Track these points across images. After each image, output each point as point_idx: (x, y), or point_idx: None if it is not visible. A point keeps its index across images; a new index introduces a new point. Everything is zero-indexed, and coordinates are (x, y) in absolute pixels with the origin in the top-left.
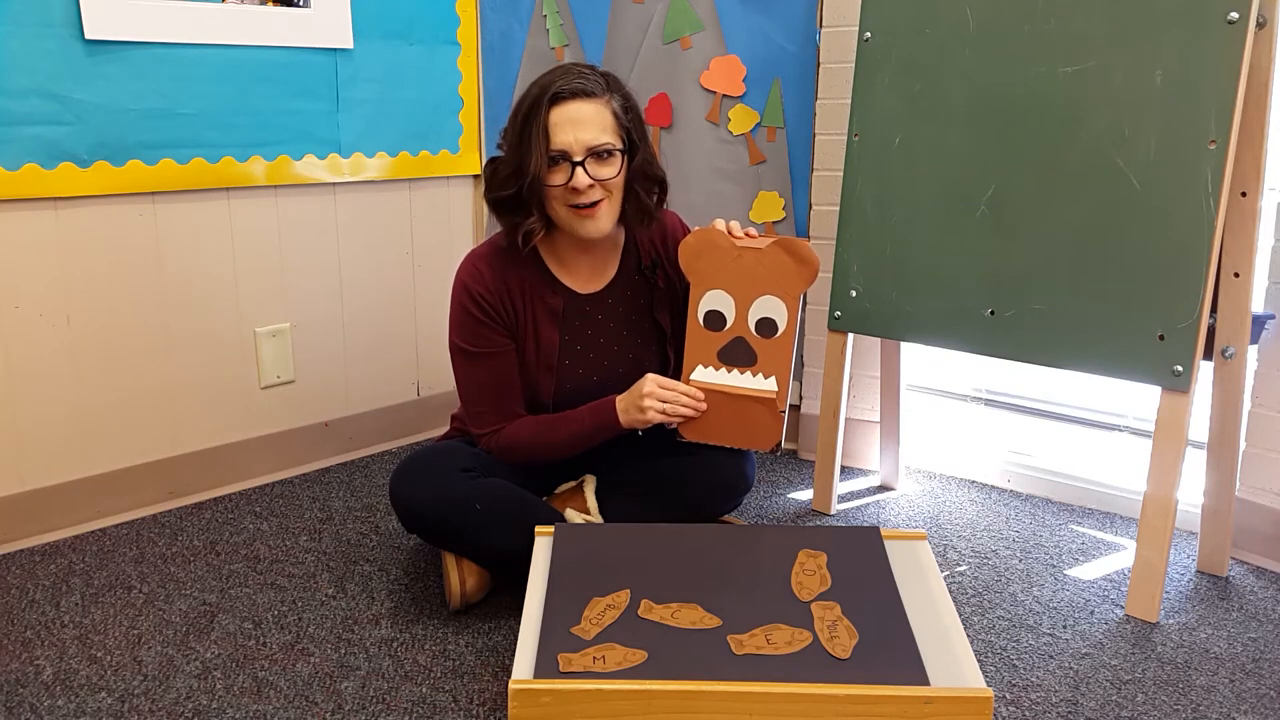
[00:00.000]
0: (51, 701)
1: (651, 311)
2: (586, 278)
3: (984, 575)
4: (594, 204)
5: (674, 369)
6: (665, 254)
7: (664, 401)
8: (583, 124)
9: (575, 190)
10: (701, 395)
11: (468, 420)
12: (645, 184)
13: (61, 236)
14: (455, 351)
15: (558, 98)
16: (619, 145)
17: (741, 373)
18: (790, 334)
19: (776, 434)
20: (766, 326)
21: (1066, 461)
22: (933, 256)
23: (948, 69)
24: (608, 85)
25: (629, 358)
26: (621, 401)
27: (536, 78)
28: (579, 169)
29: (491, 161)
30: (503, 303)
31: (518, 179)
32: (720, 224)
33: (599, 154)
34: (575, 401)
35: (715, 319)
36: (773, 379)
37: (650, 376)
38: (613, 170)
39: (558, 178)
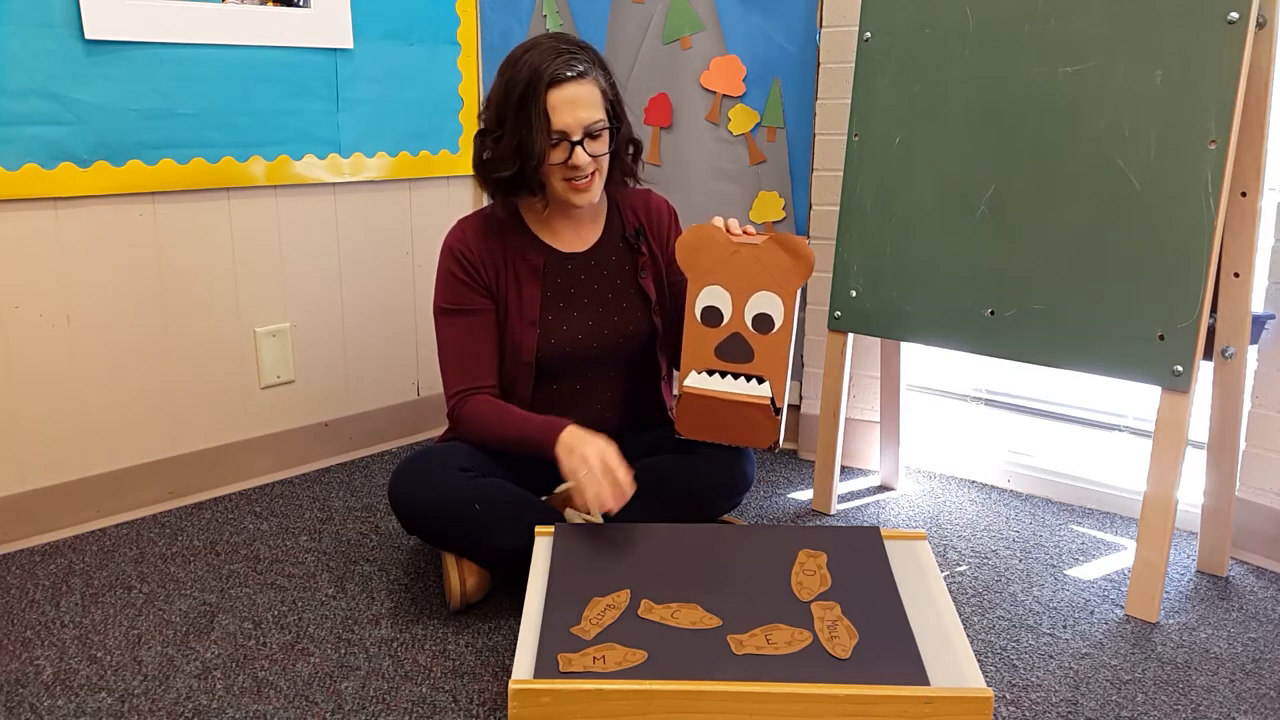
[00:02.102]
0: (51, 701)
1: (637, 278)
2: (569, 238)
3: (984, 575)
4: (588, 177)
5: (664, 337)
6: (649, 224)
7: (594, 474)
8: (580, 105)
9: (574, 167)
10: (630, 491)
11: (444, 386)
12: (625, 147)
13: (61, 236)
14: (436, 314)
15: (556, 81)
16: (609, 122)
17: (735, 377)
18: (787, 330)
19: (773, 434)
20: (763, 322)
21: (1066, 461)
22: (933, 256)
23: (948, 69)
24: (592, 61)
25: (613, 320)
26: (571, 436)
27: (520, 53)
28: (578, 148)
29: (481, 136)
30: (484, 263)
31: (518, 159)
32: (718, 221)
33: (593, 133)
34: (559, 360)
35: (712, 315)
36: (766, 385)
37: (605, 446)
38: (605, 146)
39: (557, 156)
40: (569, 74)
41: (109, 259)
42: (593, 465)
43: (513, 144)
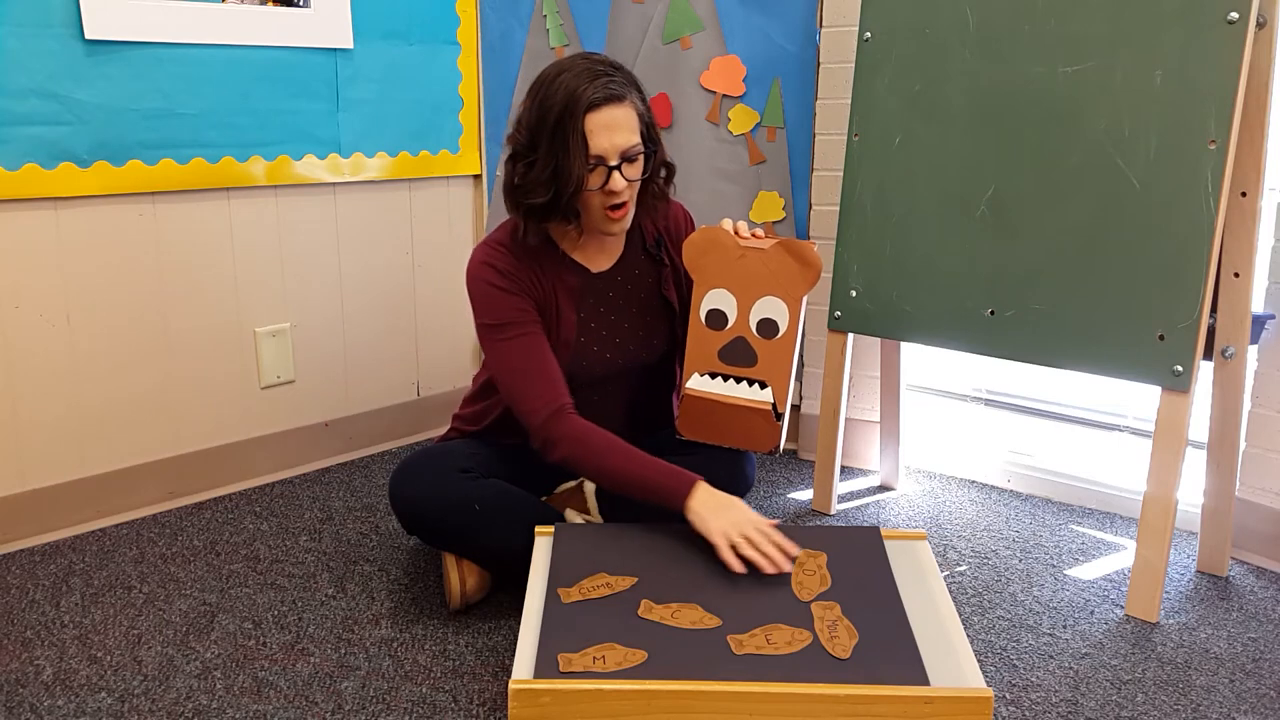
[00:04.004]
0: (51, 701)
1: (660, 289)
2: (598, 257)
3: (984, 575)
4: (623, 204)
5: (681, 349)
6: (667, 233)
7: (752, 545)
8: (617, 129)
9: (611, 193)
10: (793, 555)
11: (521, 416)
12: (658, 170)
13: (61, 236)
14: (485, 335)
15: (594, 105)
16: (645, 146)
17: (738, 381)
18: (791, 336)
19: (774, 439)
20: (768, 327)
21: (1066, 461)
22: (933, 256)
23: (948, 69)
24: (628, 83)
25: (639, 335)
26: (704, 502)
27: (553, 74)
28: (615, 173)
29: (512, 160)
30: (525, 277)
31: (555, 184)
32: (727, 223)
33: (630, 157)
34: (584, 377)
35: (717, 318)
36: (768, 390)
37: (749, 510)
38: (641, 170)
39: (594, 181)
40: (607, 97)
41: (109, 259)
42: (751, 538)
43: (548, 169)
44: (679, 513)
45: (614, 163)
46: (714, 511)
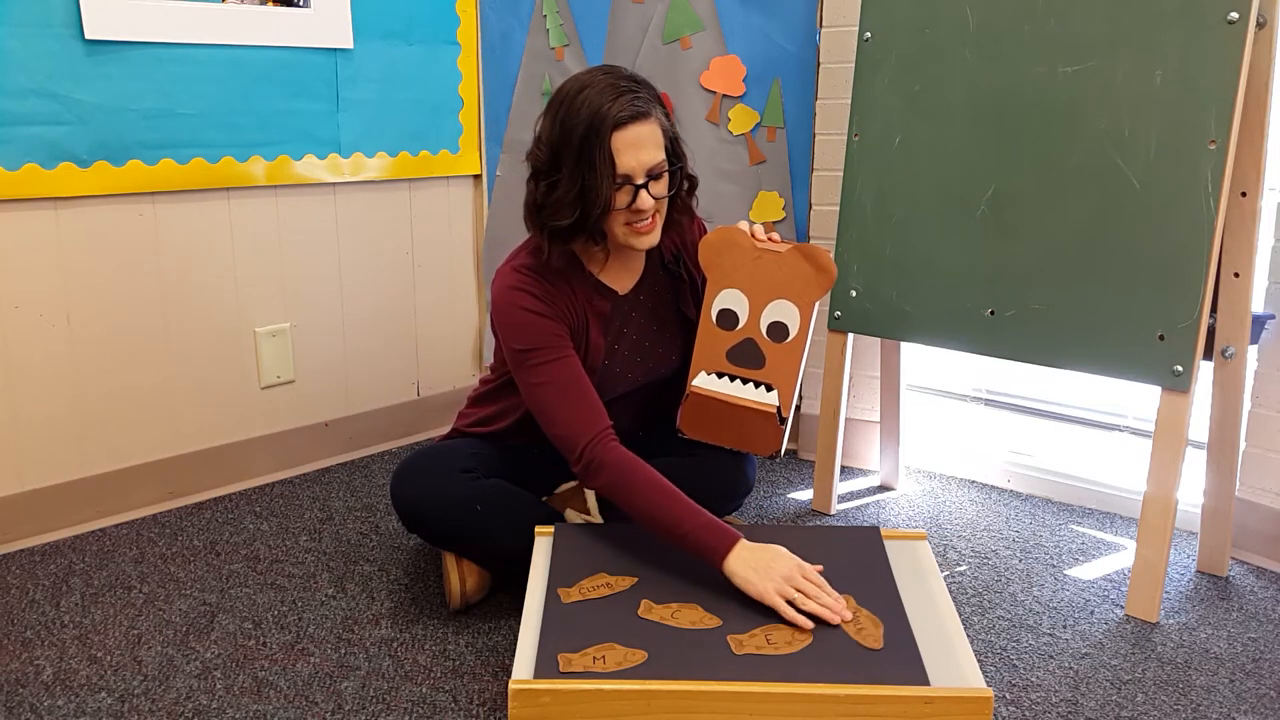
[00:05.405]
0: (51, 701)
1: (678, 306)
2: (622, 278)
3: (984, 575)
4: (650, 219)
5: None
6: (685, 248)
7: (801, 593)
8: (643, 147)
9: (638, 211)
10: (847, 607)
11: (560, 441)
12: (682, 184)
13: (61, 236)
14: (520, 360)
15: (620, 123)
16: (670, 162)
17: (745, 382)
18: (801, 341)
19: (776, 442)
20: (778, 330)
21: (1066, 461)
22: (933, 256)
23: (948, 69)
24: (651, 98)
25: (658, 353)
26: (745, 561)
27: (575, 90)
28: (643, 191)
29: (534, 180)
30: (561, 301)
31: (582, 205)
32: (744, 225)
33: (656, 174)
34: (602, 395)
35: (728, 318)
36: (774, 393)
37: (791, 556)
38: (667, 187)
39: (621, 200)
40: (633, 115)
41: (109, 259)
42: (805, 591)
43: (573, 189)
44: (716, 569)
45: (641, 181)
46: (759, 572)
